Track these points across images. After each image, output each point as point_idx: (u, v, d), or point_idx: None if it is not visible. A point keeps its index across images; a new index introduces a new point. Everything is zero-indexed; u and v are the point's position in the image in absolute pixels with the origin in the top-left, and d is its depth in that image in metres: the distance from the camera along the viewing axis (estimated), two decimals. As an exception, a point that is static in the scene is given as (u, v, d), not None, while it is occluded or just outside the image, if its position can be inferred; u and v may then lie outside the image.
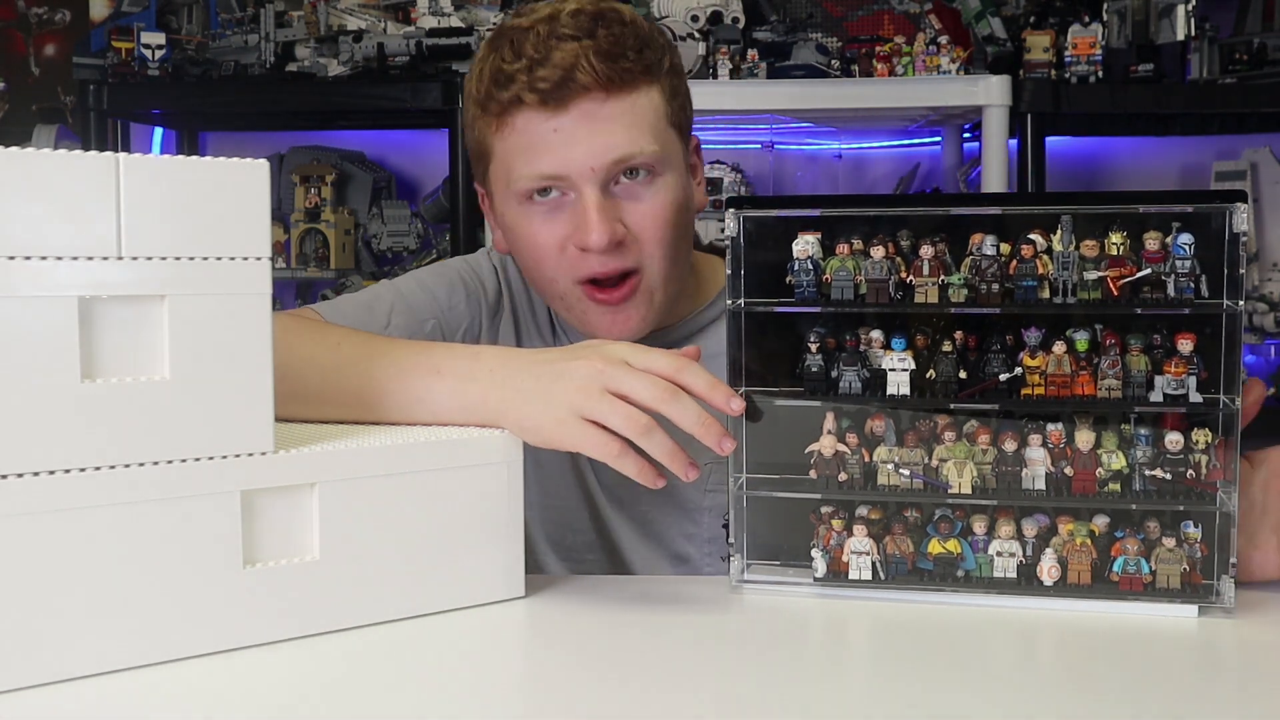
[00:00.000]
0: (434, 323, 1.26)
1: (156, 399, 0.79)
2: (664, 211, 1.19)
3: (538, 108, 1.14)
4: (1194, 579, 0.92)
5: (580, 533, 1.28)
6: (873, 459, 0.97)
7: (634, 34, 1.17)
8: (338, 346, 1.05)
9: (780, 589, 0.99)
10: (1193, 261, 0.91)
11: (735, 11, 2.72)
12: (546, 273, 1.20)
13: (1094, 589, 0.93)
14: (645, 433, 0.91)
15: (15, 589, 0.74)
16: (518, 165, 1.17)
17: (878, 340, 0.97)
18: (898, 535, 0.96)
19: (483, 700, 0.78)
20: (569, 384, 0.93)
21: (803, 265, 0.97)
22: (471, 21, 2.82)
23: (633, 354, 0.94)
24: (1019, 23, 2.78)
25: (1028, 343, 0.94)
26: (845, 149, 3.06)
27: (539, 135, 1.15)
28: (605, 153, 1.15)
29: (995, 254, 0.94)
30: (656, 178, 1.18)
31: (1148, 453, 0.93)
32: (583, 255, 1.17)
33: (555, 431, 0.93)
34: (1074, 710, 0.75)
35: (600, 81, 1.14)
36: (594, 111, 1.15)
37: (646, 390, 0.91)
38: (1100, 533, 0.94)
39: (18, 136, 3.07)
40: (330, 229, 2.96)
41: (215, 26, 3.00)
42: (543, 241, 1.18)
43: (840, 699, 0.78)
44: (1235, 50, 2.67)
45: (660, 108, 1.19)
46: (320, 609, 0.86)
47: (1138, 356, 0.93)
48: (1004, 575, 0.95)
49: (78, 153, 0.76)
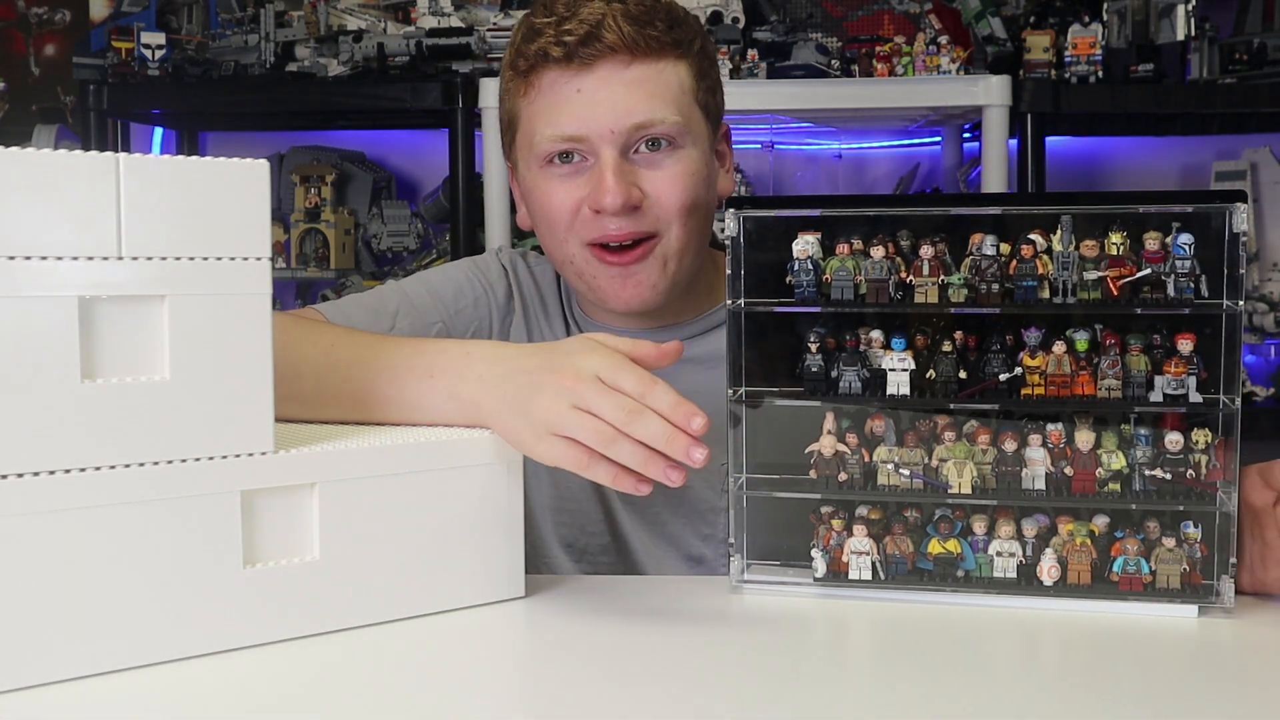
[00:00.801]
0: (440, 325, 1.26)
1: (156, 399, 0.79)
2: (683, 180, 1.20)
3: (562, 66, 1.17)
4: (1194, 579, 0.92)
5: (594, 534, 1.29)
6: (873, 459, 0.97)
7: (666, 9, 1.20)
8: (332, 348, 1.05)
9: (780, 589, 0.99)
10: (1193, 261, 0.91)
11: (735, 11, 2.72)
12: (559, 234, 1.21)
13: (1094, 589, 0.93)
14: (611, 443, 0.90)
15: (15, 589, 0.74)
16: (540, 126, 1.19)
17: (878, 340, 0.97)
18: (897, 535, 0.96)
19: (482, 700, 0.78)
20: (540, 399, 0.93)
21: (803, 265, 0.97)
22: (471, 21, 2.82)
23: (606, 368, 0.93)
24: (1019, 23, 2.78)
25: (1028, 343, 0.94)
26: (845, 149, 3.06)
27: (562, 95, 1.17)
28: (626, 116, 1.16)
29: (995, 254, 0.94)
30: (677, 149, 1.20)
31: (1148, 453, 0.93)
32: (596, 217, 1.18)
33: (531, 446, 0.94)
34: (1073, 710, 0.75)
35: (626, 43, 1.16)
36: (617, 74, 1.17)
37: (611, 411, 0.91)
38: (1100, 533, 0.94)
39: (18, 136, 3.06)
40: (330, 229, 2.96)
41: (215, 26, 3.00)
42: (557, 203, 1.20)
43: (837, 699, 0.78)
44: (1235, 50, 2.67)
45: (687, 83, 1.20)
46: (320, 609, 0.86)
47: (1138, 357, 0.93)
48: (1004, 575, 0.95)
49: (78, 153, 0.76)
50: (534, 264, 1.35)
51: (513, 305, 1.32)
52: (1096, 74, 2.63)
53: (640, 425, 0.90)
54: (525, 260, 1.35)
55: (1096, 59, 2.62)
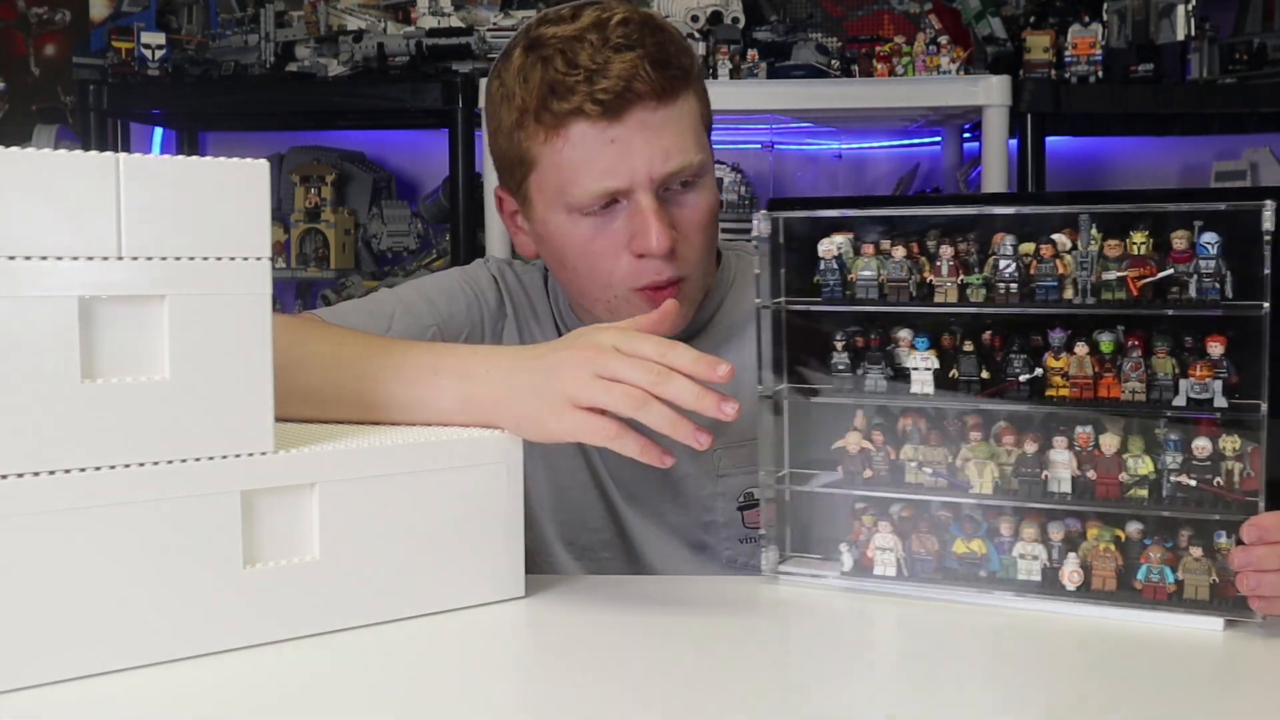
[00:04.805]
0: (435, 329, 1.26)
1: (156, 399, 0.79)
2: (705, 217, 1.21)
3: (595, 119, 1.15)
4: (1227, 591, 0.88)
5: (596, 531, 1.29)
6: (899, 457, 0.98)
7: (674, 40, 1.19)
8: (338, 346, 1.05)
9: (803, 585, 0.99)
10: (1217, 261, 0.88)
11: (735, 11, 2.72)
12: (600, 279, 1.20)
13: (1116, 596, 0.91)
14: (642, 405, 0.90)
15: (15, 589, 0.74)
16: (576, 179, 1.17)
17: (905, 339, 0.97)
18: (923, 533, 0.96)
19: (482, 700, 0.78)
20: (561, 374, 0.93)
21: (829, 265, 0.97)
22: (471, 21, 2.83)
23: (621, 340, 0.94)
24: (1019, 23, 2.78)
25: (1052, 344, 0.93)
26: (845, 149, 3.06)
27: (595, 147, 1.16)
28: (664, 162, 1.16)
29: (1013, 254, 0.93)
30: (698, 181, 1.20)
31: (1177, 458, 0.90)
32: (639, 262, 1.17)
33: (552, 424, 0.93)
34: (1080, 717, 0.75)
35: (655, 90, 1.15)
36: (648, 120, 1.15)
37: (638, 374, 0.91)
38: (1132, 539, 0.91)
39: (18, 136, 3.07)
40: (330, 229, 2.96)
41: (215, 26, 3.00)
42: (597, 251, 1.19)
43: (841, 700, 0.77)
44: (1235, 50, 2.67)
45: (698, 112, 1.21)
46: (320, 609, 0.86)
47: (1163, 359, 0.90)
48: (1027, 578, 0.94)
49: (78, 153, 0.76)
50: (520, 271, 1.36)
51: (504, 310, 1.32)
52: (1096, 74, 2.63)
53: (669, 385, 0.90)
54: (512, 268, 1.36)
55: (1096, 59, 2.62)
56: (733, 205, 2.79)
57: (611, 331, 0.96)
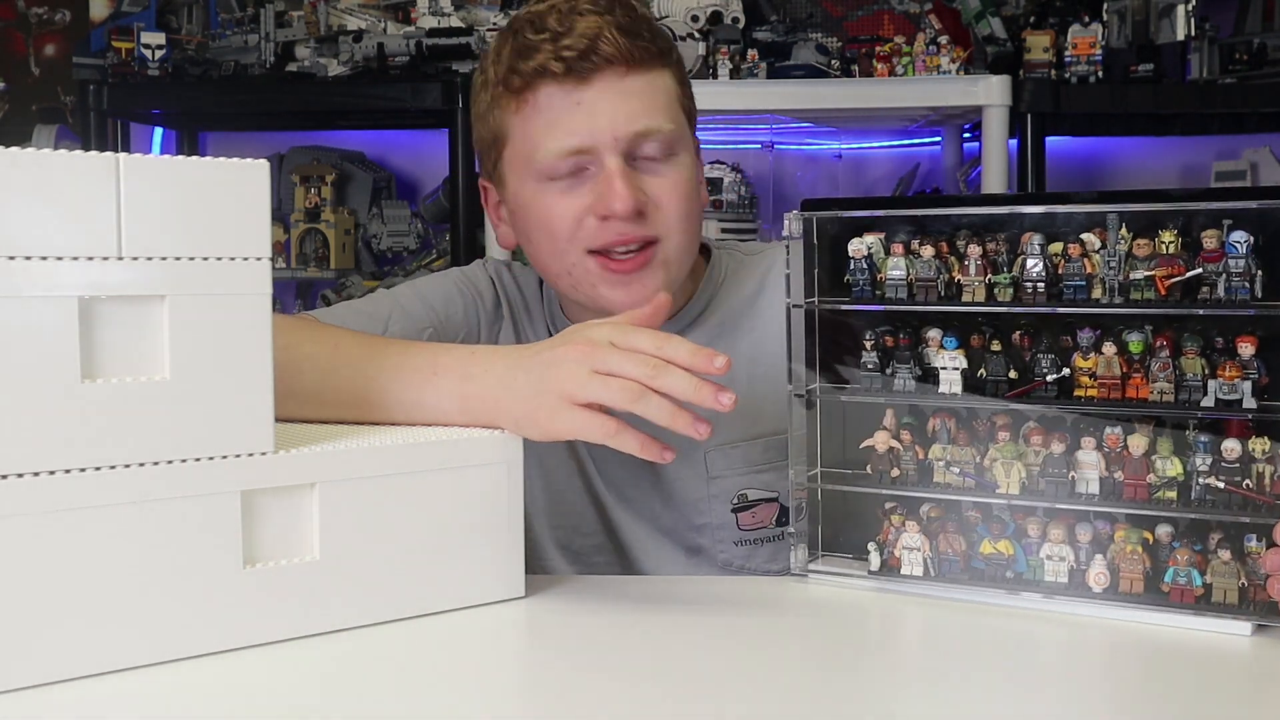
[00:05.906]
0: (431, 331, 1.26)
1: (156, 399, 0.79)
2: (683, 185, 1.21)
3: (561, 80, 1.16)
4: (1259, 595, 0.87)
5: (589, 535, 1.29)
6: (927, 456, 0.98)
7: (646, 18, 1.22)
8: (337, 346, 1.05)
9: (819, 585, 1.00)
10: (1247, 260, 0.86)
11: (735, 11, 2.72)
12: (559, 245, 1.20)
13: (1143, 599, 0.90)
14: (639, 398, 0.91)
15: (15, 589, 0.74)
16: (542, 141, 1.18)
17: (935, 339, 0.97)
18: (951, 533, 0.96)
19: (482, 700, 0.78)
20: (558, 371, 0.93)
21: (859, 265, 0.97)
22: (471, 21, 2.83)
23: (617, 334, 0.94)
24: (1019, 23, 2.78)
25: (1080, 343, 0.92)
26: (845, 149, 3.07)
27: (562, 109, 1.17)
28: (629, 123, 1.17)
29: (1040, 253, 0.93)
30: (673, 156, 1.21)
31: (1206, 460, 0.89)
32: (602, 225, 1.18)
33: (550, 421, 0.93)
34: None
35: (622, 54, 1.16)
36: (616, 84, 1.17)
37: (635, 368, 0.91)
38: (1160, 542, 0.90)
39: (18, 136, 3.07)
40: (330, 229, 2.96)
41: (215, 26, 3.00)
42: (559, 214, 1.19)
43: (844, 700, 0.77)
44: (1235, 50, 2.67)
45: (673, 91, 1.22)
46: (320, 609, 0.86)
47: (1192, 359, 0.89)
48: (1054, 579, 0.93)
49: (78, 153, 0.76)
50: (518, 273, 1.36)
51: (501, 312, 1.32)
52: (1096, 74, 2.63)
53: (666, 378, 0.90)
54: (509, 269, 1.36)
55: (1096, 59, 2.62)
56: (733, 205, 2.79)
57: (607, 326, 0.96)
